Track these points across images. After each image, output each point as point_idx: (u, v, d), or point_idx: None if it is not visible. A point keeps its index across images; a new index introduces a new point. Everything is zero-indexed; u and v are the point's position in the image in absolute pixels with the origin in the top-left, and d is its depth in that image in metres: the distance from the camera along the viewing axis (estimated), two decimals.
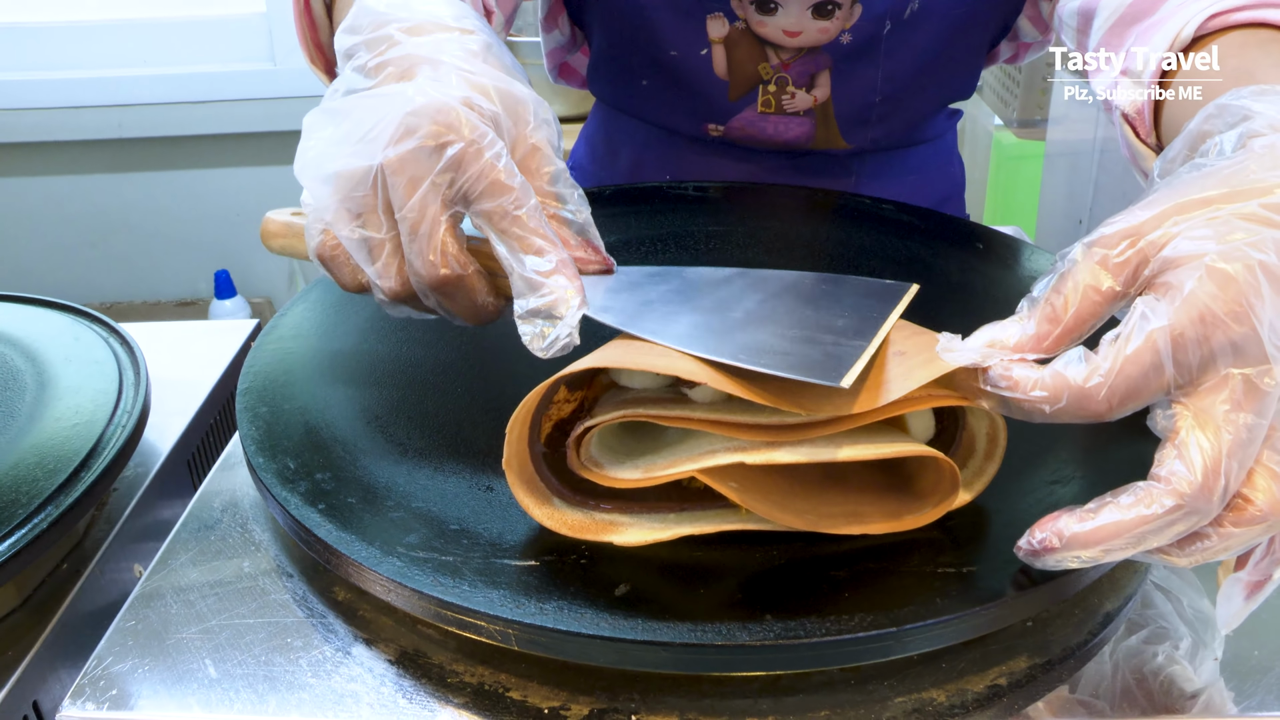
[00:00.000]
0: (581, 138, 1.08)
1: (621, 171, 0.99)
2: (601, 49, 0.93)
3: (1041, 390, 0.38)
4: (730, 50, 0.84)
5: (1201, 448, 0.36)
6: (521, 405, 0.45)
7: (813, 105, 0.88)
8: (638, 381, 0.48)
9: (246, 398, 0.57)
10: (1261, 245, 0.36)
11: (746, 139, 0.91)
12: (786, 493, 0.46)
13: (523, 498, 0.46)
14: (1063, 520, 0.39)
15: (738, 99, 0.88)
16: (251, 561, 0.52)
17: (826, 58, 0.85)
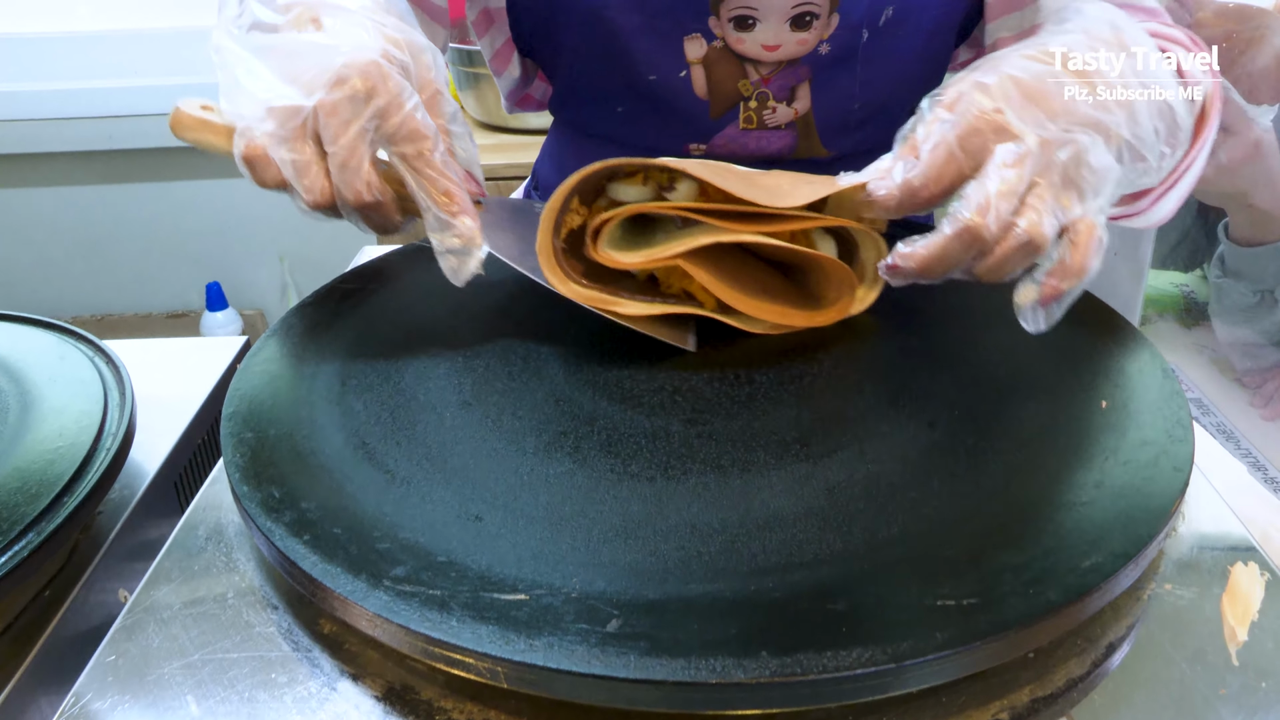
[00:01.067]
0: (545, 156, 1.07)
1: None
2: (569, 80, 0.93)
3: (887, 189, 0.56)
4: (709, 70, 0.84)
5: (979, 192, 0.53)
6: (548, 205, 0.61)
7: (794, 118, 0.88)
8: (632, 196, 0.63)
9: (232, 423, 0.56)
10: (1021, 69, 0.56)
11: (729, 155, 0.91)
12: (738, 294, 0.63)
13: (550, 276, 0.62)
14: (896, 246, 0.56)
15: (719, 117, 0.88)
16: (236, 592, 0.51)
17: (805, 69, 0.85)
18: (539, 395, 0.58)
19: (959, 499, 0.49)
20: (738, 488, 0.50)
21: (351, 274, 0.74)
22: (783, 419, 0.56)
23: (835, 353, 0.63)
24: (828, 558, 0.45)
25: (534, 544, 0.46)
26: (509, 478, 0.51)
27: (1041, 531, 0.46)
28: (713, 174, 0.59)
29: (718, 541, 0.46)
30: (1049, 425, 0.54)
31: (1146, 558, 0.46)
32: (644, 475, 0.51)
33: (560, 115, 1.01)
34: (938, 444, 0.53)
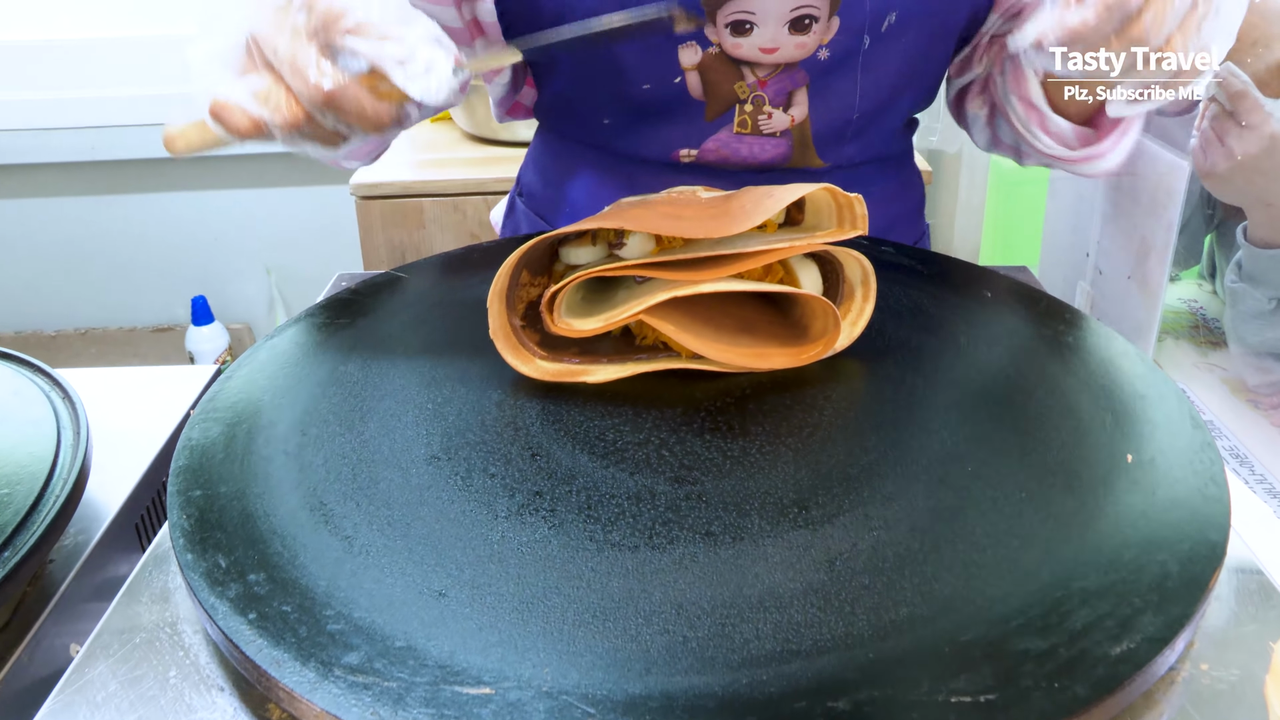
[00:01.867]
0: (530, 165, 1.05)
1: (579, 200, 0.96)
2: (557, 93, 0.91)
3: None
4: (705, 74, 0.82)
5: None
6: (494, 283, 0.58)
7: (790, 126, 0.86)
8: (584, 258, 0.62)
9: (180, 479, 0.52)
10: None
11: (720, 161, 0.89)
12: (712, 338, 0.60)
13: (511, 359, 0.60)
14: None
15: (714, 119, 0.86)
16: (179, 670, 0.46)
17: (804, 74, 0.83)
18: (513, 449, 0.54)
19: (973, 573, 0.44)
20: (729, 559, 0.45)
21: (319, 307, 0.69)
22: (779, 478, 0.51)
23: (836, 401, 0.58)
24: (829, 645, 0.40)
25: (502, 626, 0.42)
26: (477, 546, 0.46)
27: (1067, 613, 0.42)
28: (663, 219, 0.58)
29: (706, 624, 0.42)
30: (1070, 484, 0.50)
31: (1183, 641, 0.41)
32: (626, 544, 0.46)
33: (545, 122, 0.99)
34: (949, 506, 0.49)
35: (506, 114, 1.00)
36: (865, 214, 0.59)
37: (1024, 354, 0.61)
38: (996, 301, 0.68)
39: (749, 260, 0.58)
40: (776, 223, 0.63)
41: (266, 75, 0.58)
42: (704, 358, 0.60)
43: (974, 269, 0.74)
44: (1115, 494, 0.49)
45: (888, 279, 0.71)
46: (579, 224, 0.59)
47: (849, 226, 0.60)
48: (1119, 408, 0.56)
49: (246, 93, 0.57)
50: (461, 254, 0.77)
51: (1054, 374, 0.59)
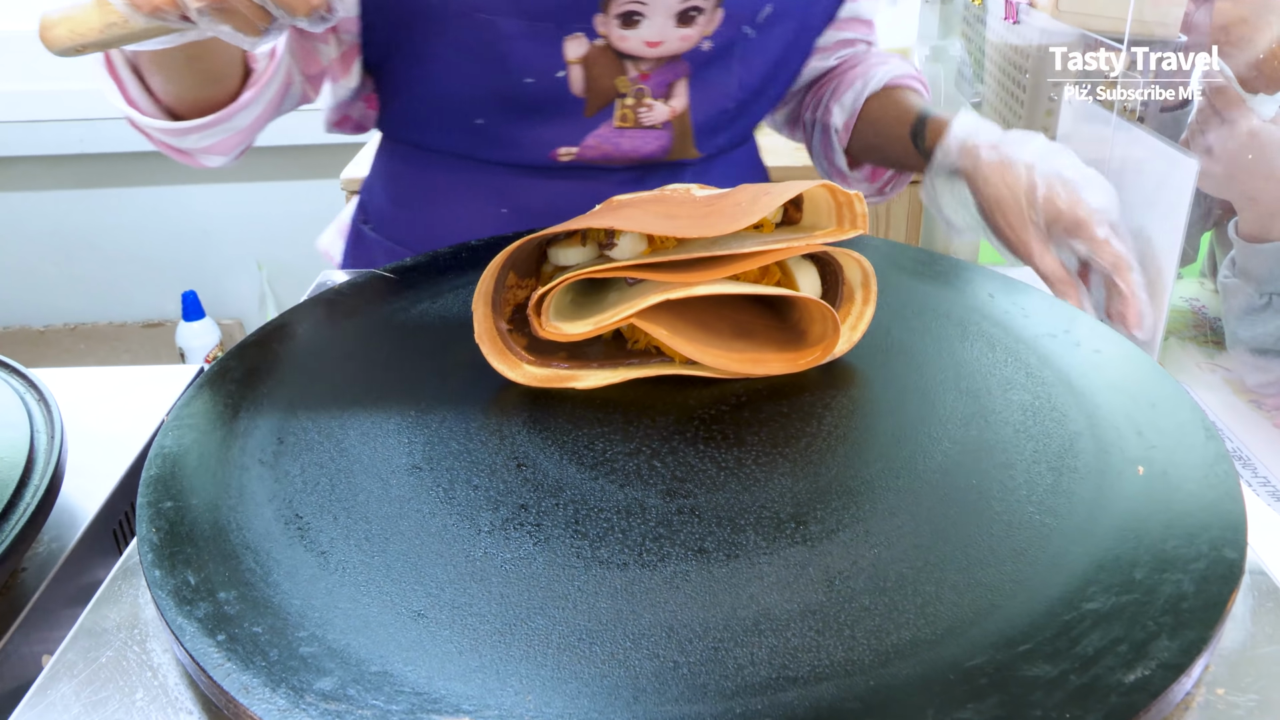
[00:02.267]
0: (376, 188, 1.01)
1: (447, 218, 0.94)
2: (419, 94, 0.89)
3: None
4: (588, 68, 0.83)
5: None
6: (479, 285, 0.56)
7: (670, 117, 0.88)
8: (573, 259, 0.60)
9: (150, 490, 0.49)
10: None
11: (601, 158, 0.89)
12: (706, 342, 0.58)
13: (497, 364, 0.57)
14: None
15: (593, 114, 0.86)
16: (146, 693, 0.44)
17: (685, 66, 0.85)
18: (499, 459, 0.52)
19: (979, 593, 0.42)
20: (723, 578, 0.43)
21: (301, 308, 0.67)
22: (776, 490, 0.49)
23: (836, 409, 0.56)
24: (827, 671, 0.38)
25: (483, 650, 0.40)
26: (458, 563, 0.44)
27: (1078, 637, 0.40)
28: (655, 219, 0.56)
29: (698, 649, 0.40)
30: (1079, 498, 0.48)
31: (1200, 666, 0.39)
32: (614, 561, 0.44)
33: (400, 136, 0.96)
34: (953, 521, 0.46)
35: (335, 126, 0.97)
36: (865, 212, 0.57)
37: (1030, 360, 0.59)
38: (1000, 304, 0.66)
39: (745, 261, 0.56)
40: (774, 222, 0.61)
41: None
42: (698, 363, 0.58)
43: (977, 270, 0.72)
44: (1126, 509, 0.47)
45: (889, 280, 0.69)
46: (568, 223, 0.57)
47: (848, 226, 0.58)
48: (1129, 416, 0.54)
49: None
50: (450, 253, 0.75)
51: (1061, 381, 0.57)
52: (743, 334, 0.60)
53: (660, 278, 0.56)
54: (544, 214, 0.90)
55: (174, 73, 0.73)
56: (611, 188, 0.89)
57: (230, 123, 0.78)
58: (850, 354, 0.61)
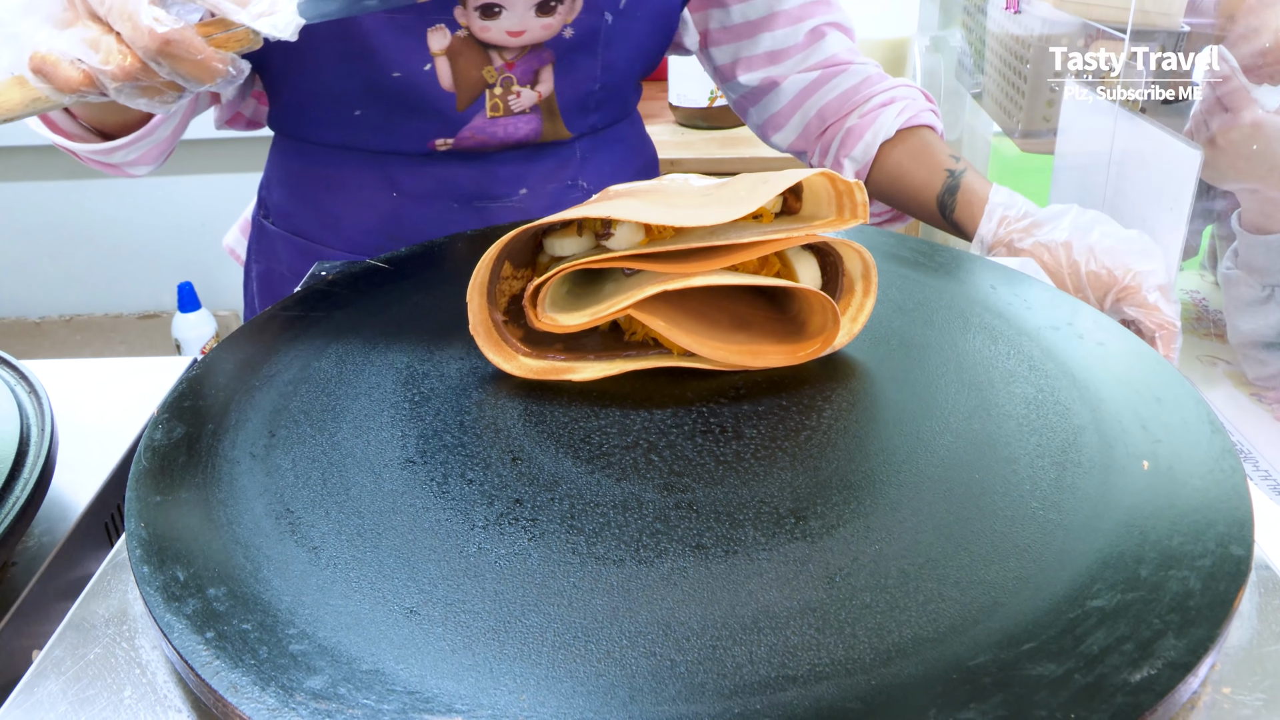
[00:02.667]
0: (272, 183, 1.02)
1: (338, 207, 0.95)
2: (299, 89, 0.90)
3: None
4: (454, 60, 0.85)
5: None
6: (474, 277, 0.56)
7: (537, 101, 0.90)
8: (569, 249, 0.58)
9: (139, 484, 0.49)
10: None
11: (477, 146, 0.91)
12: (704, 333, 0.57)
13: (492, 356, 0.57)
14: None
15: (465, 108, 0.88)
16: (135, 690, 0.43)
17: (549, 53, 0.87)
18: (493, 452, 0.51)
19: (982, 590, 0.41)
20: (721, 574, 0.43)
21: (294, 298, 0.66)
22: (775, 485, 0.48)
23: (836, 402, 0.55)
24: (827, 670, 0.38)
25: (476, 648, 0.39)
26: (452, 559, 0.44)
27: (1083, 635, 0.39)
28: (652, 208, 0.54)
29: (696, 647, 0.39)
30: (1083, 494, 0.47)
31: (1206, 665, 0.39)
32: (610, 557, 0.44)
33: (289, 130, 0.97)
34: (955, 517, 0.46)
35: (227, 123, 0.99)
36: (865, 201, 0.56)
37: (1033, 352, 0.59)
38: (1002, 296, 0.65)
39: (743, 252, 0.55)
40: (773, 212, 0.60)
41: (93, 25, 0.54)
42: (696, 355, 0.57)
43: (979, 261, 0.71)
44: (1131, 504, 0.46)
45: (889, 272, 0.68)
46: (564, 213, 0.56)
47: (849, 215, 0.57)
48: (1134, 410, 0.53)
49: (76, 41, 0.54)
50: (444, 243, 0.74)
51: (1065, 374, 0.56)
52: (741, 325, 0.60)
53: (658, 268, 0.55)
54: (433, 195, 0.93)
55: (96, 108, 0.76)
56: (498, 165, 0.93)
57: (153, 136, 0.80)
58: (850, 346, 0.60)
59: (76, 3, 0.54)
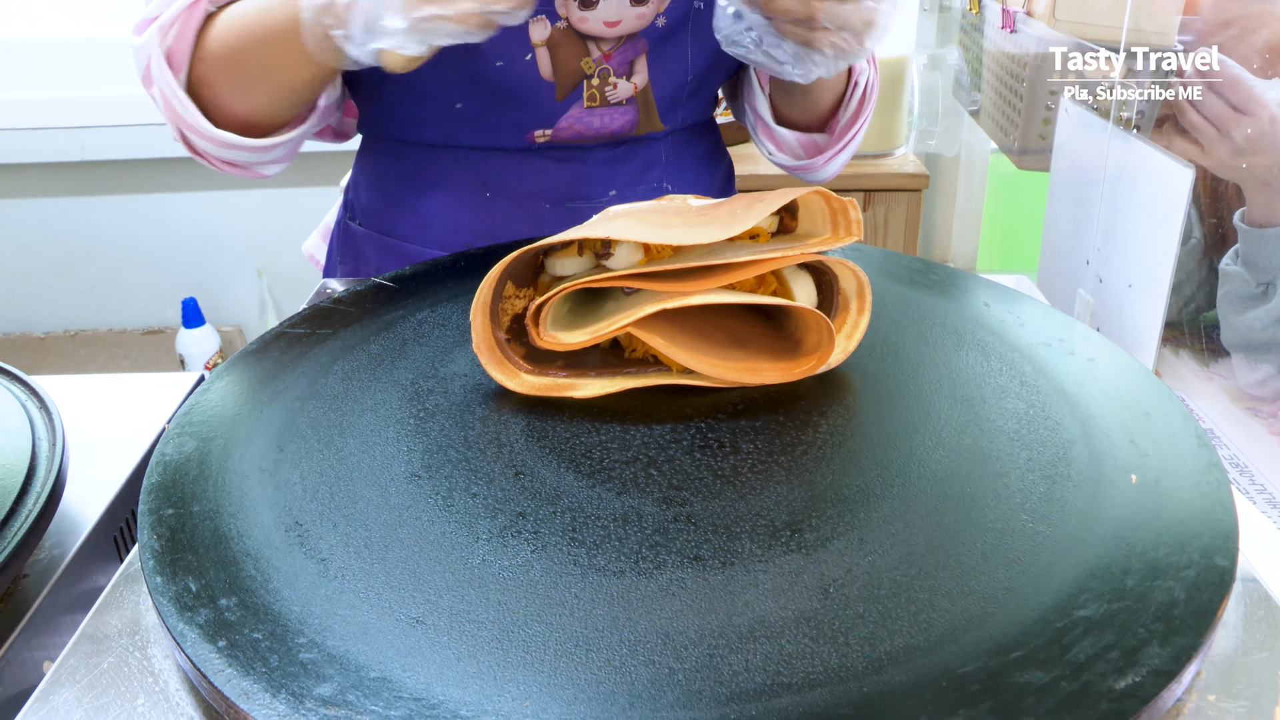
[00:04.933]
0: (361, 185, 1.04)
1: (430, 205, 0.97)
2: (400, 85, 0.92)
3: None
4: (553, 51, 0.87)
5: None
6: (477, 296, 0.57)
7: (634, 92, 0.92)
8: (570, 269, 0.60)
9: (151, 497, 0.50)
10: None
11: (574, 137, 0.93)
12: (702, 351, 0.59)
13: (495, 373, 0.59)
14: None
15: (564, 98, 0.90)
16: (148, 699, 0.44)
17: (643, 43, 0.90)
18: (497, 467, 0.52)
19: (972, 601, 0.43)
20: (718, 585, 0.44)
21: (300, 317, 0.68)
22: (771, 499, 0.49)
23: (831, 418, 0.56)
24: (821, 678, 0.39)
25: (481, 656, 0.40)
26: (456, 570, 0.45)
27: (1069, 644, 0.40)
28: (651, 228, 0.56)
29: (694, 655, 0.40)
30: (1072, 508, 0.48)
31: (1190, 673, 0.40)
32: (611, 569, 0.45)
33: (384, 133, 1.00)
34: (947, 529, 0.47)
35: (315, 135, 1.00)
36: (859, 219, 0.57)
37: (1024, 368, 0.60)
38: (995, 313, 0.66)
39: (740, 270, 0.57)
40: (770, 232, 0.61)
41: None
42: (694, 372, 0.59)
43: (972, 278, 0.73)
44: (1118, 517, 0.47)
45: (885, 289, 0.70)
46: (565, 234, 0.58)
47: (844, 233, 0.58)
48: (1122, 425, 0.54)
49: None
50: (448, 262, 0.76)
51: (1055, 389, 0.58)
52: (739, 343, 0.61)
53: (657, 287, 0.56)
54: (526, 195, 0.95)
55: (304, 97, 0.84)
56: (589, 166, 0.95)
57: (300, 132, 0.87)
58: (845, 363, 0.61)
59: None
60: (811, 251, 0.57)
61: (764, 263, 0.57)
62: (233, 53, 0.79)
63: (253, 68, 0.79)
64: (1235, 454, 1.15)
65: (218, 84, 0.81)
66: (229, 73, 0.80)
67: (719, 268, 0.56)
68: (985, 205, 1.68)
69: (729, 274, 0.56)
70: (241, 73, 0.80)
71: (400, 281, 0.72)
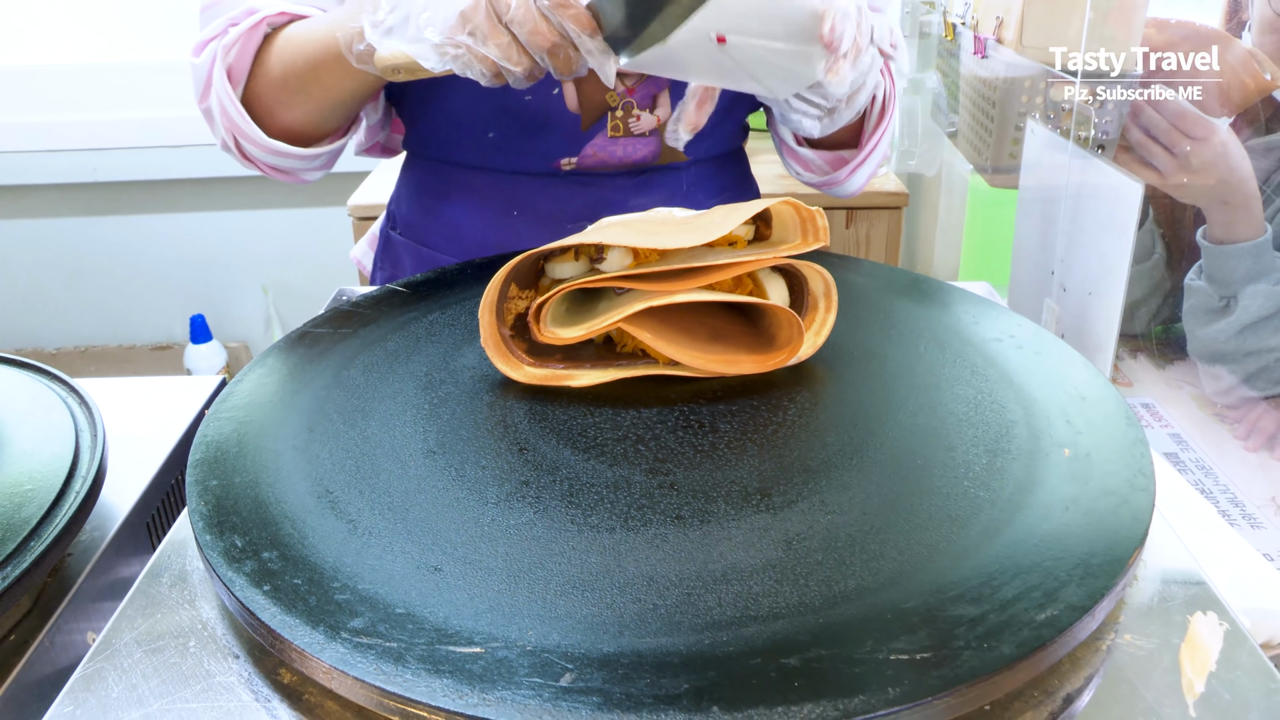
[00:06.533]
0: (403, 197, 1.12)
1: (457, 217, 1.04)
2: (438, 115, 0.99)
3: None
4: (580, 84, 0.93)
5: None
6: (484, 297, 0.64)
7: (656, 125, 0.97)
8: (567, 272, 0.67)
9: (197, 470, 0.56)
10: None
11: (598, 165, 0.99)
12: (686, 345, 0.65)
13: (501, 365, 0.65)
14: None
15: (589, 128, 0.96)
16: (198, 640, 0.50)
17: (666, 79, 0.94)
18: (503, 444, 0.59)
19: (918, 552, 0.49)
20: (696, 539, 0.50)
21: (323, 318, 0.74)
22: (745, 469, 0.56)
23: (800, 402, 0.63)
24: (783, 611, 0.45)
25: (491, 596, 0.46)
26: (469, 528, 0.51)
27: (999, 585, 0.46)
28: (639, 234, 0.63)
29: (674, 594, 0.46)
30: (1010, 476, 0.55)
31: (1103, 610, 0.46)
32: (604, 526, 0.51)
33: (424, 153, 1.06)
34: (900, 494, 0.53)
35: (366, 151, 1.09)
36: (826, 226, 0.64)
37: (976, 360, 0.66)
38: (954, 313, 0.73)
39: (719, 272, 0.63)
40: (747, 239, 0.68)
41: (505, 33, 0.69)
42: (679, 364, 0.65)
43: (934, 283, 0.79)
44: (1052, 484, 0.54)
45: (853, 292, 0.76)
46: (562, 241, 0.64)
47: (812, 239, 0.65)
48: (1061, 408, 0.60)
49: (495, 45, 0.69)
50: (456, 270, 0.82)
51: (1003, 378, 0.64)
52: (719, 338, 0.68)
53: (645, 287, 0.63)
54: (551, 216, 1.01)
55: (348, 110, 0.92)
56: (610, 192, 1.01)
57: (341, 143, 0.95)
58: (813, 357, 0.68)
59: (490, 14, 0.69)
60: (783, 256, 0.64)
61: (740, 265, 0.63)
62: (285, 68, 0.86)
63: (301, 81, 0.86)
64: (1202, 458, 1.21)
65: (271, 97, 0.89)
66: (281, 87, 0.88)
67: (700, 270, 0.63)
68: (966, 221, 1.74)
69: (709, 275, 0.63)
70: (291, 86, 0.87)
71: (412, 287, 0.79)
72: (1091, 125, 1.05)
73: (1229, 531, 0.80)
